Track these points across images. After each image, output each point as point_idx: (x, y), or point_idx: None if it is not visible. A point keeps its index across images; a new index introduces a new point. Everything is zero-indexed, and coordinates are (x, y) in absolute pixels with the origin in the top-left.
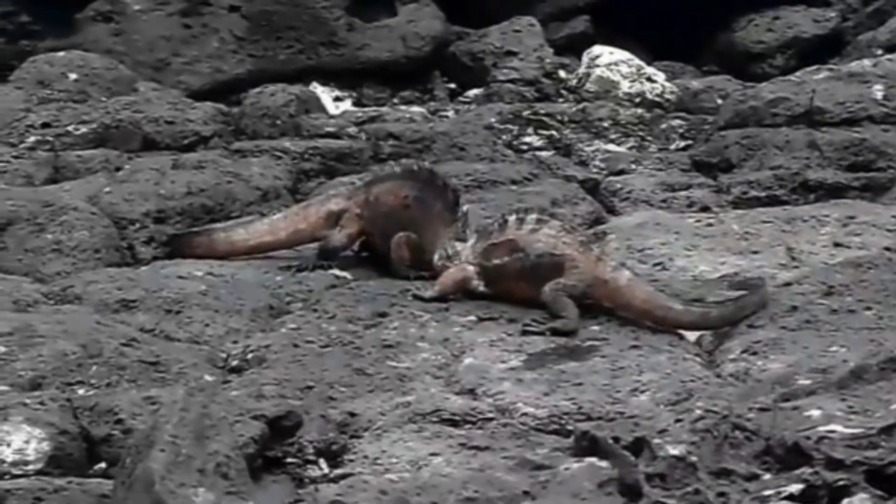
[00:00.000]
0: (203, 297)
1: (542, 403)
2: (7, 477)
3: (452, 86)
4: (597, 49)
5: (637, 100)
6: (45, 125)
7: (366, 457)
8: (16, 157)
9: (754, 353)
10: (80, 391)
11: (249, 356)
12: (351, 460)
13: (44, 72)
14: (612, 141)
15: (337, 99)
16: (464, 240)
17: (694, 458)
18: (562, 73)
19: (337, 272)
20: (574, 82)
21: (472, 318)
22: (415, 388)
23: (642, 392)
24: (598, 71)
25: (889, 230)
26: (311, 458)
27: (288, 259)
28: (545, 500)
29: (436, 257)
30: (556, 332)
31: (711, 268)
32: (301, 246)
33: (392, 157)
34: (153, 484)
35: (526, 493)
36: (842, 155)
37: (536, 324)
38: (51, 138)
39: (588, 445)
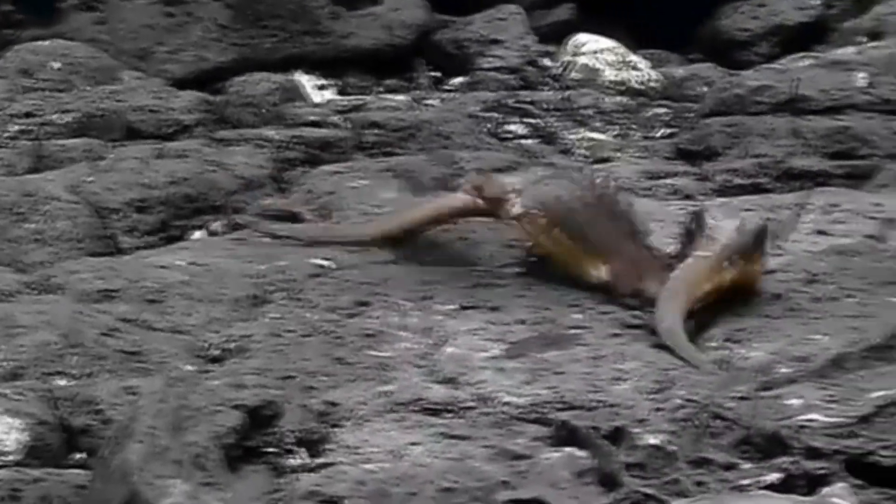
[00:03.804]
0: (184, 286)
1: (523, 392)
2: None
3: (436, 74)
4: (581, 37)
5: (621, 88)
6: (28, 114)
7: (346, 446)
8: None
9: (736, 342)
10: (61, 381)
11: (230, 346)
12: (331, 450)
13: (27, 60)
14: (595, 129)
15: (320, 87)
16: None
17: (673, 448)
18: (546, 62)
19: (320, 261)
20: (558, 70)
21: (454, 306)
22: (396, 378)
23: (624, 381)
24: (582, 59)
25: (872, 218)
26: (291, 447)
27: None
28: (523, 489)
29: None
30: None
31: None
32: None
33: (375, 145)
34: (130, 475)
35: (504, 482)
36: (825, 143)
37: None
38: (33, 127)
39: (567, 435)
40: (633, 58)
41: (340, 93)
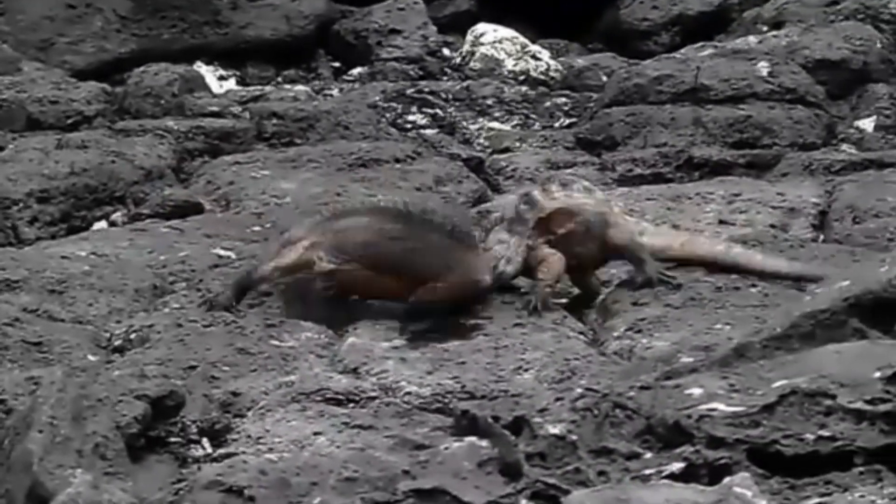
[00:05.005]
0: (86, 276)
1: (426, 382)
2: None
3: (336, 64)
4: (481, 27)
5: (521, 78)
6: None
7: (249, 436)
8: None
9: (639, 331)
10: None
11: (132, 336)
12: (234, 440)
13: None
14: (496, 119)
15: (221, 78)
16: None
17: (574, 437)
18: (446, 51)
19: (221, 252)
20: (458, 60)
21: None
22: (298, 368)
23: (526, 370)
24: (482, 49)
25: (774, 207)
26: (195, 437)
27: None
28: (425, 479)
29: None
30: None
31: None
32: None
33: (276, 136)
34: (31, 465)
35: (406, 472)
36: (727, 132)
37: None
38: None
39: (468, 425)
40: (534, 47)
41: (241, 83)
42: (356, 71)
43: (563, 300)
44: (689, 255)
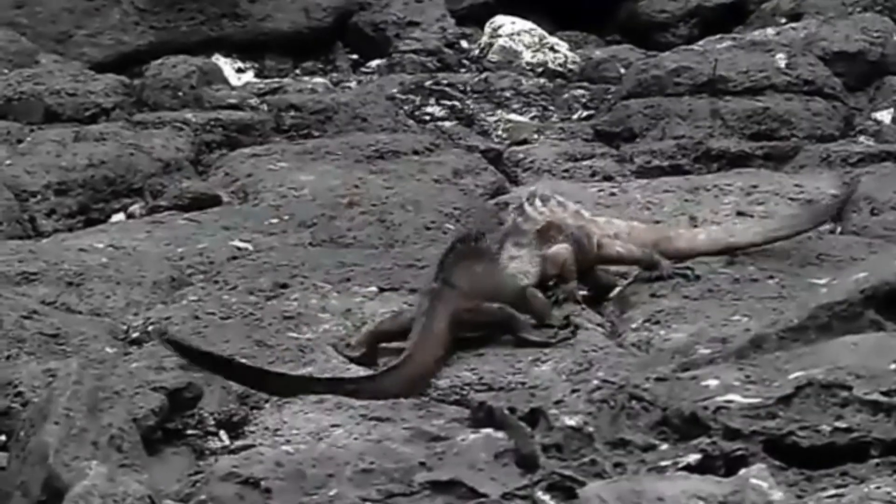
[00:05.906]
0: (104, 269)
1: (444, 374)
2: None
3: (355, 56)
4: (499, 19)
5: (539, 69)
6: None
7: (266, 428)
8: None
9: (657, 323)
10: None
11: (150, 328)
12: (252, 432)
13: None
14: (514, 111)
15: (239, 70)
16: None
17: (590, 429)
18: (464, 44)
19: (239, 243)
20: (476, 52)
21: (374, 288)
22: (316, 360)
23: (543, 362)
24: (500, 41)
25: (792, 199)
26: (212, 429)
27: None
28: (441, 471)
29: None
30: None
31: None
32: None
33: (294, 128)
34: (47, 457)
35: (422, 464)
36: (745, 124)
37: None
38: None
39: (484, 416)
40: (552, 39)
41: (259, 75)
42: (374, 63)
43: (582, 292)
44: (665, 251)
